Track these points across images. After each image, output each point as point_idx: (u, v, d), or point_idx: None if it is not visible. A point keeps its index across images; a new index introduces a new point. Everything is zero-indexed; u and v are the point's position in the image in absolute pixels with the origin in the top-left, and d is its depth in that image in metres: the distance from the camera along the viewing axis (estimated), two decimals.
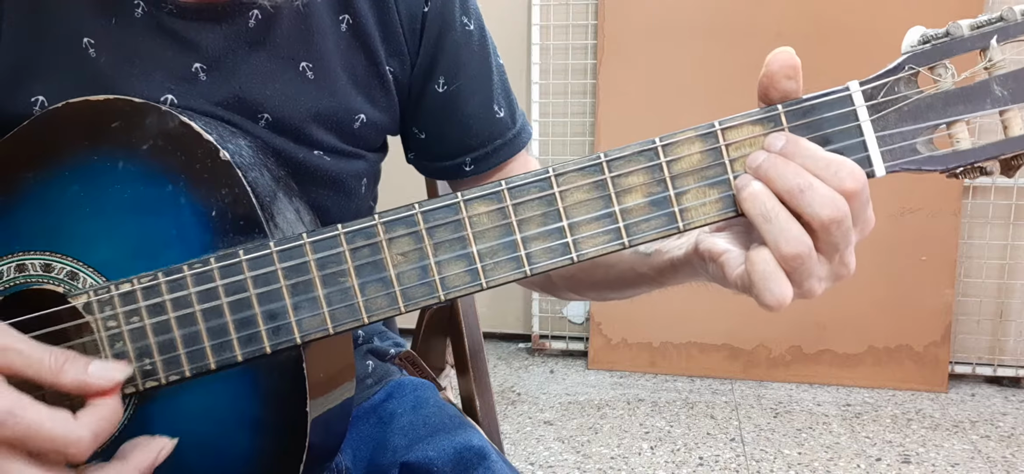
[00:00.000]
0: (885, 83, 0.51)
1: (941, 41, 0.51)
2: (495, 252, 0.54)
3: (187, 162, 0.58)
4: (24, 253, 0.59)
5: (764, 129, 0.52)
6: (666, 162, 0.52)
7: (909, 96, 0.51)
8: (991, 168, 0.52)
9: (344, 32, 0.71)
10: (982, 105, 0.50)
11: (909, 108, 0.51)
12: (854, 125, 0.51)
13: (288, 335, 0.55)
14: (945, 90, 0.51)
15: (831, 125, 0.52)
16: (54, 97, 0.63)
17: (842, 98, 0.52)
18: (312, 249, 0.55)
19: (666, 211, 0.53)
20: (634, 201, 0.53)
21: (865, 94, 0.51)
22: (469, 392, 1.03)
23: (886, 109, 0.51)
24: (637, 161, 0.53)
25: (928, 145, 0.51)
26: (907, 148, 0.51)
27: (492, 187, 0.53)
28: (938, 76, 0.51)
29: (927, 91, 0.51)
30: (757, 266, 0.50)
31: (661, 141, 0.53)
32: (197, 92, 0.66)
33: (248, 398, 0.59)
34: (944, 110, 0.51)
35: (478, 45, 0.77)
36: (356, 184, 0.76)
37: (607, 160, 0.53)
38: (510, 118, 0.80)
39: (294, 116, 0.69)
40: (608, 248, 0.53)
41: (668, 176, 0.52)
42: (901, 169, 0.51)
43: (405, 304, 0.55)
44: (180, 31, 0.65)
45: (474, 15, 0.77)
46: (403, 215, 0.54)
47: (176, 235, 0.58)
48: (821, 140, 0.52)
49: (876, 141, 0.51)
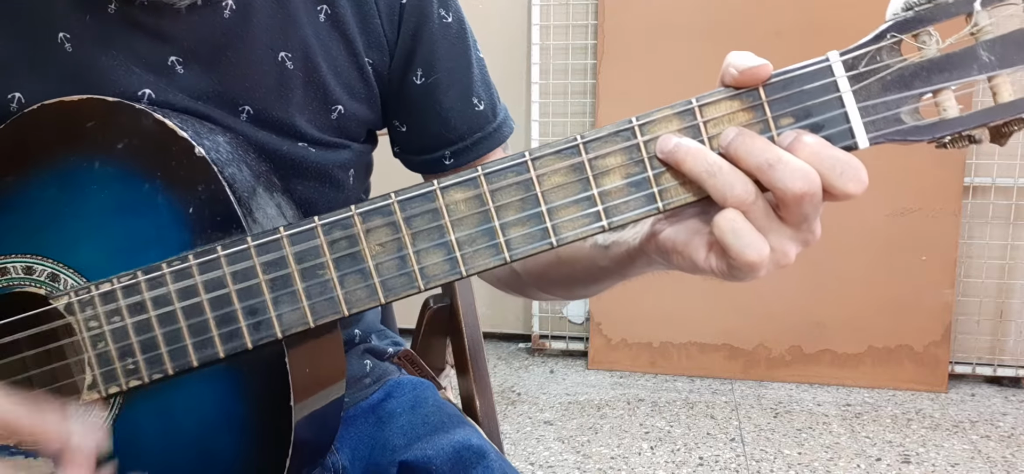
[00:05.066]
0: (867, 52, 0.50)
1: (924, 7, 0.49)
2: (474, 240, 0.53)
3: (163, 160, 0.58)
4: (5, 256, 0.60)
5: (742, 104, 0.51)
6: (643, 141, 0.52)
7: (892, 65, 0.49)
8: (980, 136, 0.50)
9: (322, 22, 0.70)
10: (969, 71, 0.49)
11: (892, 77, 0.50)
12: (835, 96, 0.50)
13: (269, 330, 0.55)
14: (929, 58, 0.49)
15: (811, 97, 0.50)
16: (31, 94, 0.63)
17: (822, 69, 0.50)
18: (289, 242, 0.54)
19: (645, 192, 0.52)
20: (612, 183, 0.52)
21: (846, 64, 0.50)
22: (469, 392, 1.03)
23: (868, 79, 0.50)
24: (614, 142, 0.52)
25: (913, 114, 0.50)
26: (891, 118, 0.50)
27: (469, 174, 0.53)
28: (922, 43, 0.49)
29: (911, 59, 0.49)
30: (726, 226, 0.49)
31: (638, 120, 0.52)
32: (175, 86, 0.65)
33: (232, 396, 0.59)
34: (929, 78, 0.49)
35: (456, 37, 0.76)
36: (343, 175, 0.75)
37: (584, 142, 0.52)
38: (490, 111, 0.79)
39: (276, 107, 0.69)
40: (588, 231, 0.52)
41: (646, 156, 0.52)
42: (886, 140, 0.50)
43: (385, 295, 0.54)
44: (153, 24, 0.64)
45: (453, 8, 0.76)
46: (380, 205, 0.53)
47: (155, 234, 0.58)
48: (802, 113, 0.50)
49: (858, 112, 0.50)
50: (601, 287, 0.69)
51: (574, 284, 0.71)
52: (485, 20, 2.53)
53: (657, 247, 0.56)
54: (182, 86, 0.66)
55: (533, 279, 0.76)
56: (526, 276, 0.76)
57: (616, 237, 0.61)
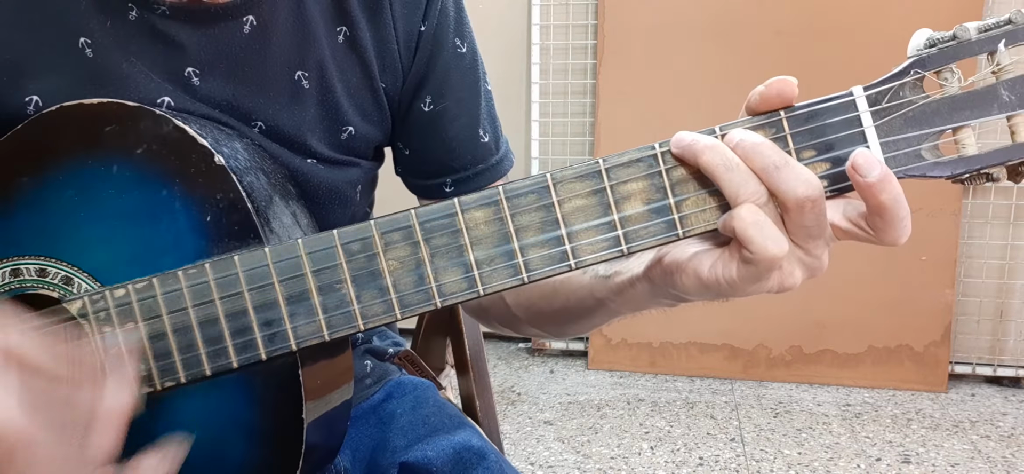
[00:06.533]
0: (890, 88, 0.50)
1: (948, 45, 0.49)
2: (492, 259, 0.53)
3: (181, 167, 0.57)
4: (19, 258, 0.59)
5: (766, 135, 0.51)
6: (665, 169, 0.52)
7: (914, 101, 0.50)
8: (998, 174, 0.50)
9: (341, 44, 0.71)
10: (989, 110, 0.49)
11: (914, 113, 0.50)
12: (858, 131, 0.50)
13: (284, 342, 0.55)
14: (951, 95, 0.50)
15: (835, 131, 0.50)
16: (49, 96, 0.63)
17: (846, 103, 0.51)
18: (308, 257, 0.54)
19: (665, 219, 0.52)
20: (633, 209, 0.52)
21: (869, 99, 0.50)
22: (469, 392, 1.03)
23: (890, 114, 0.50)
24: (636, 168, 0.52)
25: (933, 151, 0.50)
26: (912, 154, 0.50)
27: (490, 194, 0.53)
28: (944, 80, 0.50)
29: (933, 96, 0.50)
30: (746, 219, 0.49)
31: (660, 147, 0.52)
32: (191, 96, 0.65)
33: (245, 404, 0.58)
34: (950, 116, 0.50)
35: (469, 68, 0.76)
36: (351, 191, 0.75)
37: (606, 167, 0.52)
38: (494, 144, 0.79)
39: (288, 124, 0.69)
40: (607, 255, 0.52)
41: (668, 183, 0.52)
42: (906, 176, 0.50)
43: (401, 311, 0.54)
44: (171, 33, 0.65)
45: (468, 38, 0.76)
46: (400, 222, 0.53)
47: (172, 240, 0.57)
48: (824, 146, 0.51)
49: (880, 147, 0.50)
50: (594, 322, 0.69)
51: (567, 318, 0.70)
52: (485, 20, 2.53)
53: (662, 270, 0.55)
54: (198, 96, 0.66)
55: (526, 313, 0.75)
56: (517, 309, 0.75)
57: (619, 266, 0.61)
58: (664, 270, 0.55)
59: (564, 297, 0.68)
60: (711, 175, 0.50)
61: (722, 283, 0.51)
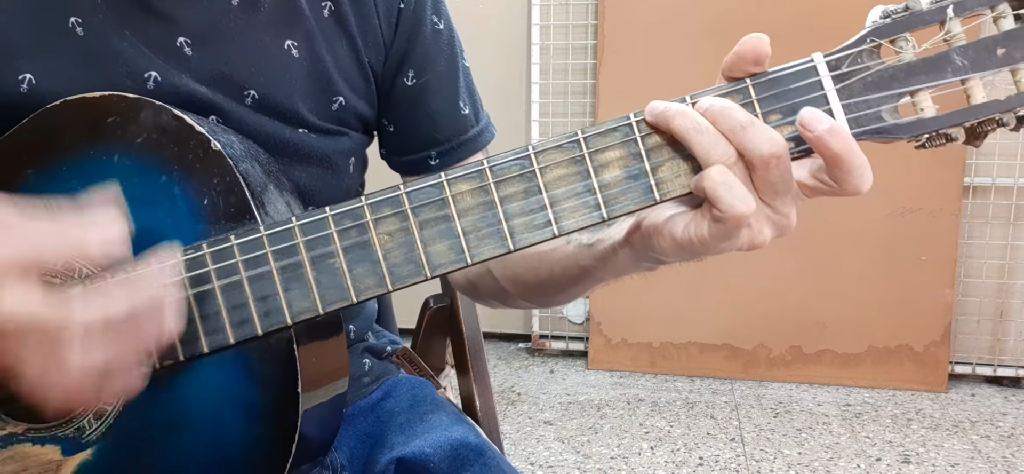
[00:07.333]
0: (849, 54, 0.53)
1: (900, 15, 0.53)
2: (478, 228, 0.55)
3: (180, 154, 0.59)
4: None
5: (734, 100, 0.54)
6: (640, 137, 0.54)
7: (872, 67, 0.53)
8: (956, 135, 0.53)
9: (326, 18, 0.73)
10: (944, 74, 0.52)
11: (873, 78, 0.53)
12: (820, 95, 0.53)
13: (279, 316, 0.57)
14: (907, 61, 0.53)
15: (798, 95, 0.53)
16: (42, 76, 0.65)
17: (807, 69, 0.54)
18: (301, 232, 0.56)
19: (642, 183, 0.54)
20: (611, 175, 0.54)
21: (829, 64, 0.53)
22: (469, 392, 1.03)
23: (850, 79, 0.53)
24: (613, 136, 0.55)
25: (893, 113, 0.53)
26: (872, 116, 0.53)
27: (474, 167, 0.55)
28: (900, 48, 0.53)
29: (889, 62, 0.53)
30: (716, 179, 0.51)
31: (635, 117, 0.55)
32: (183, 68, 0.67)
33: (242, 382, 0.60)
34: (907, 80, 0.53)
35: (446, 44, 0.80)
36: (344, 162, 0.77)
37: (584, 136, 0.54)
38: (474, 116, 0.82)
39: (280, 93, 0.71)
40: (588, 221, 0.55)
41: (643, 150, 0.54)
42: (867, 136, 0.53)
43: (392, 282, 0.56)
44: (162, 6, 0.67)
45: (444, 15, 0.80)
46: (389, 196, 0.55)
47: (171, 225, 0.59)
48: (788, 109, 0.53)
49: (842, 109, 0.53)
50: (580, 290, 0.71)
51: (554, 288, 0.72)
52: (485, 20, 2.54)
53: (641, 235, 0.58)
54: (189, 68, 0.68)
55: (514, 285, 0.77)
56: (505, 282, 0.77)
57: (601, 234, 0.64)
58: (643, 234, 0.57)
59: (549, 267, 0.70)
60: (683, 139, 0.53)
61: (695, 242, 0.54)
